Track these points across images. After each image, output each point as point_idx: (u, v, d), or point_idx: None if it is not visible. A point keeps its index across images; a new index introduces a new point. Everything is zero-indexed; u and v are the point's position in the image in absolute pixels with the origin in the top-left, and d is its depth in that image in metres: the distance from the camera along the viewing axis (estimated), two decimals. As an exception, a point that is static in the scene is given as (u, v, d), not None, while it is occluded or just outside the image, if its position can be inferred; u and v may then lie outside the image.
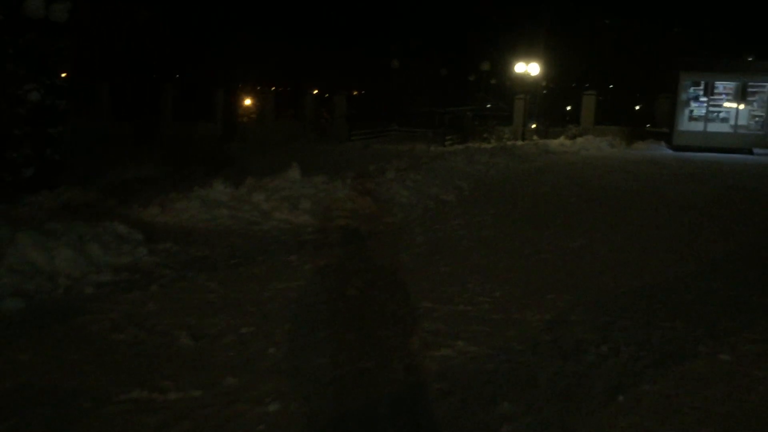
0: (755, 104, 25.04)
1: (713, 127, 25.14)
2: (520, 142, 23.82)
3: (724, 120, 25.26)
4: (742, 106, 25.06)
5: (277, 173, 10.18)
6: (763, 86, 24.78)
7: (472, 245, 7.48)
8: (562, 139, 24.72)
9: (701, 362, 4.16)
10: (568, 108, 33.91)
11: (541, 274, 6.22)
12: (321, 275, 6.04)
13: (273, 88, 36.02)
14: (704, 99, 25.48)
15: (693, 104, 25.44)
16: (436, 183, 11.86)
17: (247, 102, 38.99)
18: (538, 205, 10.49)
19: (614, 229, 8.59)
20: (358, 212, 9.08)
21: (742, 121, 25.08)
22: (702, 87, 25.40)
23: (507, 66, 32.80)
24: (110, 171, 12.64)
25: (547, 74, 31.61)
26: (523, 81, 29.20)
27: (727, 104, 25.24)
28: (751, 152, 23.72)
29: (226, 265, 6.31)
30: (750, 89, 24.92)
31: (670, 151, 24.02)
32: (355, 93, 44.72)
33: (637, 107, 33.68)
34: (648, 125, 28.56)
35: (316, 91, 39.35)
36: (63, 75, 10.22)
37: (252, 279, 5.87)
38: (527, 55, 29.02)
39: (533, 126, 28.76)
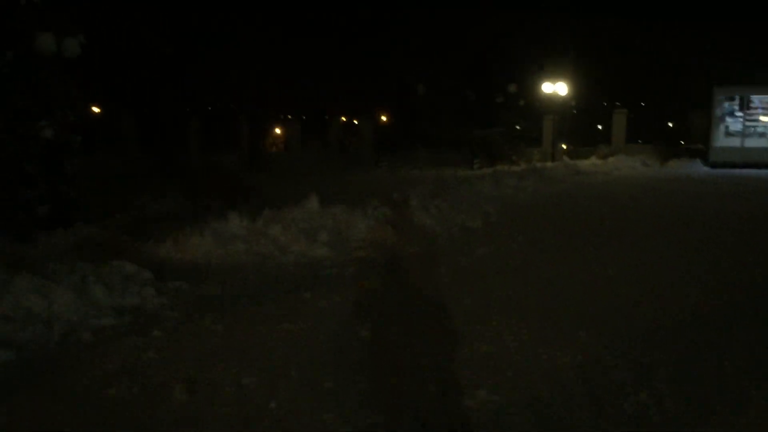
0: (794, 117, 24.21)
1: (751, 143, 24.33)
2: (549, 164, 23.28)
3: (762, 135, 24.44)
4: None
5: (296, 204, 9.88)
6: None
7: (497, 276, 7.03)
8: (593, 159, 24.14)
9: (753, 412, 3.66)
10: (599, 127, 33.28)
11: (572, 308, 5.75)
12: (335, 314, 5.65)
13: (299, 116, 36.04)
14: (740, 114, 24.73)
15: (728, 119, 24.69)
16: (462, 209, 11.45)
17: (275, 131, 39.15)
18: (569, 230, 9.99)
19: (650, 255, 8.07)
20: (378, 243, 8.71)
21: (782, 135, 24.24)
22: (737, 101, 24.68)
23: (534, 86, 32.35)
24: (131, 206, 12.47)
25: (575, 93, 31.07)
26: (552, 101, 28.72)
27: (764, 118, 24.46)
28: (791, 167, 22.85)
29: (235, 305, 5.97)
30: (788, 102, 24.12)
31: (707, 169, 23.28)
32: (382, 118, 44.65)
33: (671, 124, 32.90)
34: (682, 142, 27.83)
35: (343, 118, 39.36)
36: (94, 108, 10.10)
37: (261, 320, 5.52)
38: (555, 74, 28.56)
39: (563, 146, 28.21)
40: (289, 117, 37.71)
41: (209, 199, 13.41)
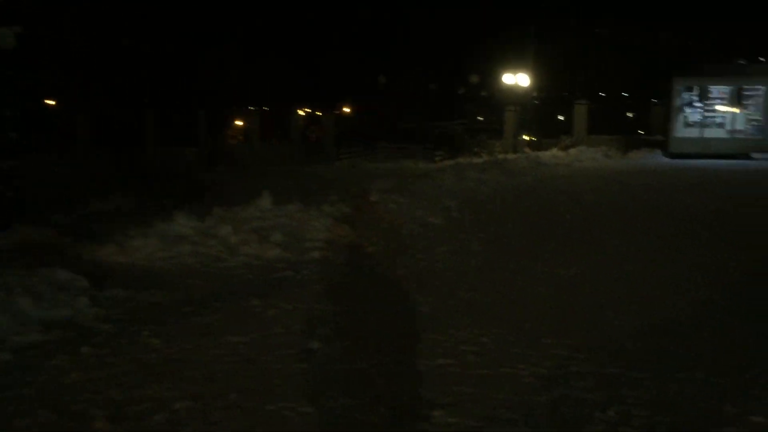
0: (751, 108, 24.44)
1: (709, 133, 24.50)
2: (511, 156, 23.11)
3: (721, 125, 24.63)
4: (737, 110, 24.47)
5: (249, 202, 9.43)
6: (758, 89, 24.19)
7: (457, 277, 6.72)
8: (554, 150, 24.04)
9: (731, 429, 3.39)
10: (560, 118, 33.29)
11: (535, 312, 5.46)
12: (285, 324, 5.26)
13: (259, 109, 35.29)
14: (699, 104, 24.89)
15: (687, 110, 24.83)
16: (423, 204, 11.12)
17: (235, 123, 38.37)
18: (531, 226, 9.75)
19: (614, 251, 7.85)
20: (335, 242, 8.33)
21: (738, 126, 24.46)
22: (696, 92, 24.83)
23: (497, 78, 32.20)
24: (76, 206, 11.87)
25: (537, 85, 30.98)
26: (513, 92, 28.57)
27: (722, 108, 24.65)
28: (749, 157, 23.08)
29: (176, 315, 5.53)
30: (745, 92, 24.34)
31: (667, 159, 23.37)
32: (345, 110, 44.12)
33: (631, 115, 33.07)
34: (643, 133, 27.97)
35: (303, 111, 38.75)
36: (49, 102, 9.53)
37: (204, 331, 5.10)
38: (517, 66, 28.41)
39: (525, 138, 28.10)
40: (250, 109, 36.93)
41: (161, 196, 12.88)
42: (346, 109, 44.40)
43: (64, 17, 25.36)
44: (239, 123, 37.66)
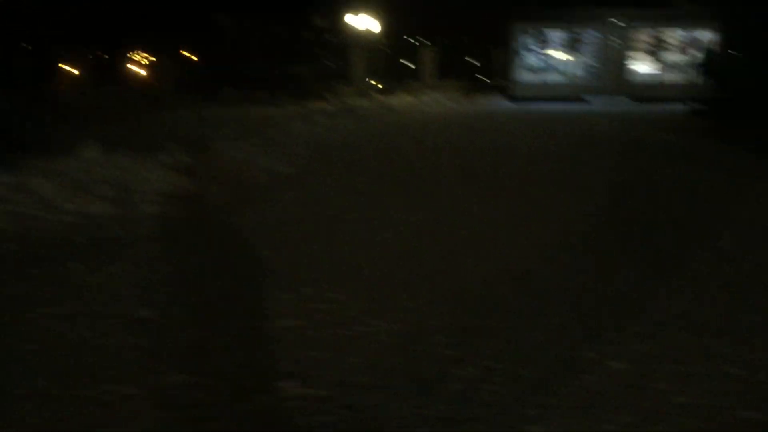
0: (587, 53, 25.71)
1: (548, 77, 25.59)
2: (361, 102, 22.84)
3: (557, 69, 25.78)
4: (572, 57, 25.65)
5: (72, 152, 8.43)
6: (593, 35, 25.44)
7: (306, 230, 6.32)
8: (403, 96, 24.06)
9: (592, 377, 3.28)
10: (409, 65, 33.37)
11: (389, 264, 5.18)
12: (110, 290, 4.63)
13: (90, 52, 32.46)
14: (537, 49, 25.82)
15: (527, 55, 25.71)
16: (270, 152, 10.57)
17: (64, 68, 35.18)
18: (382, 173, 9.51)
19: (467, 195, 7.78)
20: (173, 196, 7.63)
21: (574, 70, 25.71)
22: (534, 37, 25.70)
23: (345, 23, 31.56)
24: None
25: (386, 30, 30.73)
26: (362, 38, 28.14)
27: (559, 53, 25.73)
28: (583, 100, 24.37)
29: (-23, 287, 4.73)
30: (581, 38, 25.52)
31: (510, 104, 24.15)
32: (187, 55, 41.68)
33: (477, 61, 33.78)
34: (488, 78, 28.69)
35: (141, 55, 36.20)
36: None
37: (9, 303, 4.37)
38: (364, 9, 27.93)
39: (374, 84, 27.89)
40: (81, 52, 33.88)
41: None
42: (188, 54, 41.97)
43: None
44: (68, 68, 34.55)
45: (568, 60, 25.56)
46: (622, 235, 6.07)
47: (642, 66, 25.47)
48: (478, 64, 33.20)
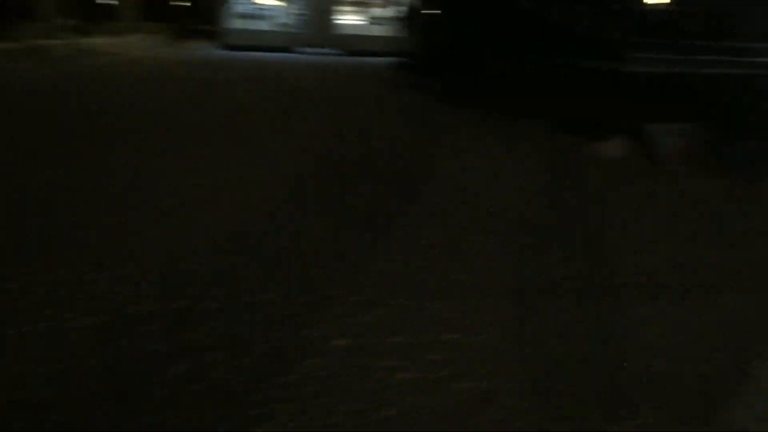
0: (298, 3, 25.67)
1: (259, 26, 25.14)
2: (54, 42, 20.16)
3: (269, 18, 25.42)
4: (284, 6, 25.45)
5: None
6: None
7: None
8: (106, 37, 21.83)
9: (326, 360, 3.04)
10: (108, 2, 30.33)
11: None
12: None
13: None
14: (248, -4, 25.18)
15: (237, 2, 24.97)
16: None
17: None
18: (61, 128, 8.35)
19: (160, 154, 7.15)
20: None
21: (285, 20, 25.56)
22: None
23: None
24: None
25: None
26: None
27: (269, 2, 25.36)
28: (293, 51, 24.40)
29: None
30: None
31: (221, 51, 23.31)
32: None
33: (188, 4, 31.88)
34: (199, 23, 27.30)
35: None
36: None
37: None
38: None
39: (69, 22, 24.81)
40: None
41: None
42: None
43: None
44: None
45: (280, 9, 25.32)
46: (330, 186, 5.96)
47: (350, 18, 26.16)
48: (187, 7, 31.37)
